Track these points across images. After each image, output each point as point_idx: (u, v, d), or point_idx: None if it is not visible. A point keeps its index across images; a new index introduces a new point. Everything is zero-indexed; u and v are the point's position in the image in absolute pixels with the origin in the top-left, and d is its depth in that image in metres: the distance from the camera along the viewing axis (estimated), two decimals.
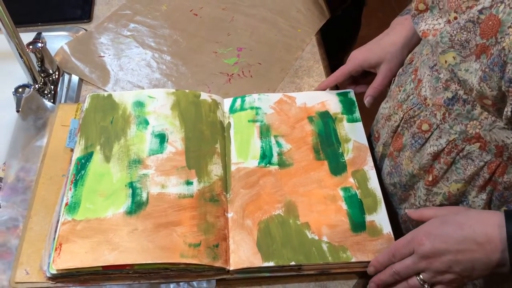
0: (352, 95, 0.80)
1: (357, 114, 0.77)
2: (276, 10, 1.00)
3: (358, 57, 0.78)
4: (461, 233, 0.54)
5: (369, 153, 0.73)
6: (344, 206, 0.67)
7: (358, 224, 0.65)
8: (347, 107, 0.78)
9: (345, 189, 0.68)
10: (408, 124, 0.67)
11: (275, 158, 0.72)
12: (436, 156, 0.64)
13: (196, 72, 0.90)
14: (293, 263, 0.62)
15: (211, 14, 1.00)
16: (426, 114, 0.64)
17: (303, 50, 0.94)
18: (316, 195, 0.68)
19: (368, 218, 0.66)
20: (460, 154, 0.61)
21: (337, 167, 0.71)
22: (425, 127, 0.64)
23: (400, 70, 0.75)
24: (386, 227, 0.65)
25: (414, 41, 0.75)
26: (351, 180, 0.70)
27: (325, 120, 0.76)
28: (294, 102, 0.79)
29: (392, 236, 0.64)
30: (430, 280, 0.57)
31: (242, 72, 0.89)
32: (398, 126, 0.69)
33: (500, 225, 0.52)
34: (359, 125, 0.76)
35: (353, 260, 0.62)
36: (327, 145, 0.73)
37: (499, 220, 0.52)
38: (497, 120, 0.56)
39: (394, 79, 0.77)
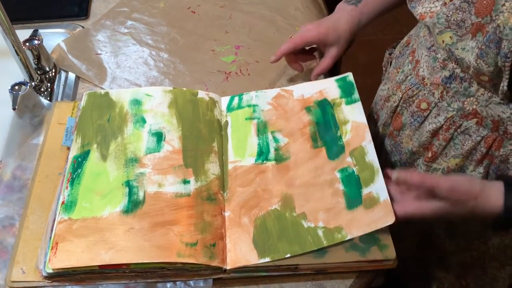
0: (350, 78, 0.78)
1: (356, 95, 0.75)
2: (274, 8, 1.00)
3: (313, 34, 0.78)
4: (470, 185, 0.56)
5: (367, 129, 0.70)
6: (340, 187, 0.66)
7: (354, 201, 0.64)
8: (346, 91, 0.76)
9: (342, 170, 0.67)
10: (407, 104, 0.69)
11: (272, 154, 0.71)
12: (435, 133, 0.66)
13: (193, 70, 0.89)
14: (288, 255, 0.61)
15: (209, 11, 1.00)
16: (425, 93, 0.66)
17: None
18: (313, 183, 0.67)
19: (365, 191, 0.65)
20: (458, 130, 0.64)
21: (335, 151, 0.70)
22: (423, 105, 0.66)
23: (397, 52, 0.78)
24: (383, 195, 0.63)
25: (354, 32, 0.78)
26: (349, 159, 0.68)
27: (323, 107, 0.75)
28: (292, 95, 0.78)
29: (389, 201, 0.62)
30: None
31: (240, 70, 0.89)
32: (397, 106, 0.71)
33: (502, 192, 0.55)
34: (358, 105, 0.73)
35: (348, 237, 0.61)
36: (326, 131, 0.72)
37: (501, 188, 0.55)
38: (493, 95, 0.59)
39: (392, 62, 0.79)
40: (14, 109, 0.79)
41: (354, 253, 0.62)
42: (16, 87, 0.80)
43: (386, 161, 0.77)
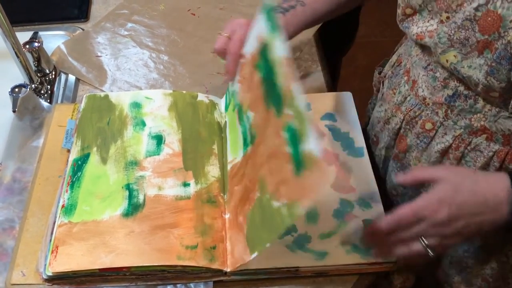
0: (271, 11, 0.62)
1: (276, 21, 0.59)
2: None
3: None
4: (474, 199, 0.54)
5: (294, 66, 0.58)
6: (287, 149, 0.54)
7: (297, 163, 0.52)
8: (271, 22, 0.60)
9: (286, 128, 0.55)
10: (410, 125, 0.68)
11: (249, 136, 0.64)
12: (444, 152, 0.64)
13: (193, 72, 0.89)
14: (268, 244, 0.56)
15: (209, 14, 1.00)
16: (428, 113, 0.65)
17: (301, 50, 0.93)
18: (273, 153, 0.58)
19: (302, 148, 0.52)
20: (468, 147, 0.62)
21: (277, 104, 0.57)
22: (428, 126, 0.64)
23: (389, 72, 0.76)
24: (315, 150, 0.50)
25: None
26: (287, 111, 0.55)
27: (264, 56, 0.61)
28: (247, 59, 0.67)
29: (320, 156, 0.49)
30: (436, 245, 0.56)
31: None
32: (400, 128, 0.69)
33: (508, 188, 0.53)
34: (282, 36, 0.58)
35: (302, 211, 0.51)
36: (269, 84, 0.59)
37: (508, 184, 0.54)
38: (502, 110, 0.58)
39: (384, 82, 0.77)
40: (14, 111, 0.79)
41: (355, 255, 0.62)
42: (16, 90, 0.79)
43: (393, 184, 0.75)
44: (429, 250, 0.56)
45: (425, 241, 0.56)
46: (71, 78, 0.89)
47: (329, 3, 0.75)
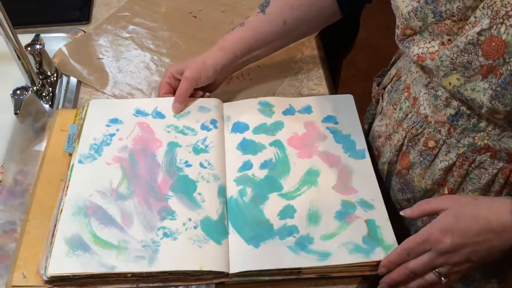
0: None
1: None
2: None
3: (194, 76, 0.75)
4: (477, 225, 0.54)
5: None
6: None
7: None
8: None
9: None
10: (412, 143, 0.67)
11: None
12: (448, 170, 0.64)
13: None
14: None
15: (211, 16, 1.00)
16: (430, 131, 0.64)
17: (303, 53, 0.93)
18: None
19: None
20: (472, 165, 0.61)
21: None
22: (431, 144, 0.64)
23: (389, 86, 0.75)
24: None
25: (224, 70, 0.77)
26: None
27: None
28: None
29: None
30: (448, 272, 0.56)
31: (242, 75, 0.89)
32: (402, 145, 0.69)
33: None
34: None
35: None
36: None
37: (511, 207, 0.53)
38: (506, 129, 0.57)
39: (384, 96, 0.76)
40: (15, 113, 0.79)
41: (358, 255, 0.62)
42: (18, 92, 0.79)
43: (397, 199, 0.75)
44: (442, 278, 0.57)
45: (437, 270, 0.57)
46: (73, 80, 0.89)
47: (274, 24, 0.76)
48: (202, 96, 0.80)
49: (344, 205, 0.67)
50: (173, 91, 0.78)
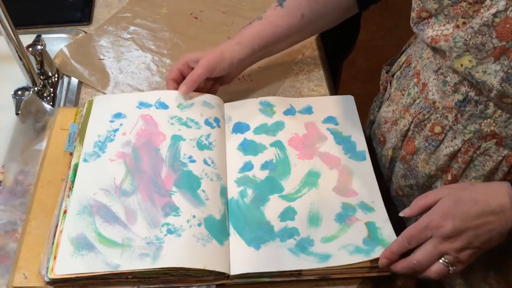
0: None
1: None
2: None
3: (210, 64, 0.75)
4: (477, 208, 0.54)
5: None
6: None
7: None
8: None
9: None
10: (418, 128, 0.68)
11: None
12: (453, 156, 0.64)
13: None
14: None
15: (211, 17, 1.00)
16: (437, 117, 0.64)
17: (303, 54, 0.94)
18: None
19: None
20: (477, 151, 0.62)
21: None
22: (437, 129, 0.64)
23: (398, 73, 0.76)
24: None
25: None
26: None
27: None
28: None
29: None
30: (453, 261, 0.56)
31: (242, 76, 0.89)
32: (408, 130, 0.69)
33: (510, 194, 0.54)
34: None
35: None
36: None
37: (508, 190, 0.54)
38: None
39: (392, 82, 0.77)
40: (17, 114, 0.79)
41: (359, 256, 0.62)
42: (19, 92, 0.79)
43: (399, 185, 0.75)
44: (450, 267, 0.56)
45: (444, 259, 0.56)
46: (74, 81, 0.89)
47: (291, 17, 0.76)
48: (213, 88, 0.79)
49: (345, 208, 0.67)
50: (181, 79, 0.77)
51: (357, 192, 0.69)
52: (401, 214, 0.62)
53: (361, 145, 0.74)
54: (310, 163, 0.72)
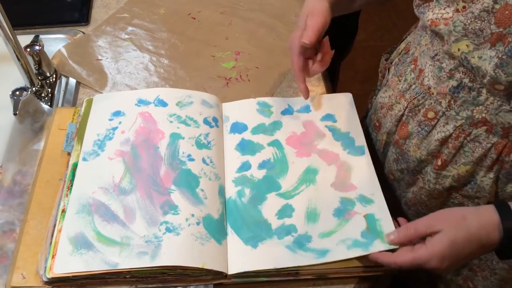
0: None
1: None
2: (275, 15, 1.01)
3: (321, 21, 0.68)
4: (470, 247, 0.57)
5: None
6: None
7: None
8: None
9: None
10: (413, 113, 0.69)
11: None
12: (444, 141, 0.66)
13: (194, 76, 0.90)
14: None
15: (209, 18, 1.01)
16: (431, 103, 0.66)
17: None
18: None
19: None
20: (468, 138, 0.64)
21: None
22: (430, 115, 0.66)
23: (396, 59, 0.77)
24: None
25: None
26: None
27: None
28: None
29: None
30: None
31: (240, 76, 0.89)
32: (403, 115, 0.71)
33: (499, 225, 0.55)
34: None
35: None
36: None
37: (497, 220, 0.56)
38: (503, 104, 0.59)
39: (390, 69, 0.78)
40: (15, 114, 0.79)
41: (357, 250, 0.62)
42: (17, 93, 0.80)
43: (391, 169, 0.77)
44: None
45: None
46: (72, 81, 0.89)
47: None
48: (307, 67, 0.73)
49: (343, 202, 0.67)
50: (304, 65, 0.71)
51: (356, 186, 0.69)
52: (385, 239, 0.62)
53: (360, 140, 0.75)
54: (308, 161, 0.72)
